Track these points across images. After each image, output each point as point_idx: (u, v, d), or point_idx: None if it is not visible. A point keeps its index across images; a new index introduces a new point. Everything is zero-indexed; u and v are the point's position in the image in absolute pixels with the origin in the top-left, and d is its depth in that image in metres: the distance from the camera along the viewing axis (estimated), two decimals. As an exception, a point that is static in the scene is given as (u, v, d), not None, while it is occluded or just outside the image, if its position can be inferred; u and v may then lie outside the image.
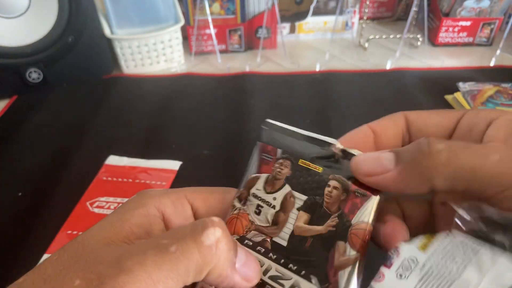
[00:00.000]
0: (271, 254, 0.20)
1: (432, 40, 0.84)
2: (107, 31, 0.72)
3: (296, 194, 0.22)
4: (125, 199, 0.46)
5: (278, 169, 0.23)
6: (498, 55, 0.78)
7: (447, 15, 0.80)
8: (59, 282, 0.16)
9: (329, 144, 0.22)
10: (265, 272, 0.20)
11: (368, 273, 0.20)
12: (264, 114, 0.62)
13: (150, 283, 0.16)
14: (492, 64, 0.77)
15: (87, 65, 0.72)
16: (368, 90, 0.70)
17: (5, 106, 0.67)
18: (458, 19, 0.80)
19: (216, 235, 0.17)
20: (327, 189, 0.21)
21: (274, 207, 0.22)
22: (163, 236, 0.18)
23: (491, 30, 0.81)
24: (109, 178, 0.50)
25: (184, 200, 0.21)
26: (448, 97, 0.66)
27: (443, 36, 0.82)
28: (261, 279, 0.20)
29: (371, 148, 0.23)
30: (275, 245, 0.21)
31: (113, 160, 0.53)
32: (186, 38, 0.80)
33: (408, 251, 0.19)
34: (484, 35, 0.82)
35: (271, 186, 0.22)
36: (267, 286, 0.20)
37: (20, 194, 0.49)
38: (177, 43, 0.77)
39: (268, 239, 0.21)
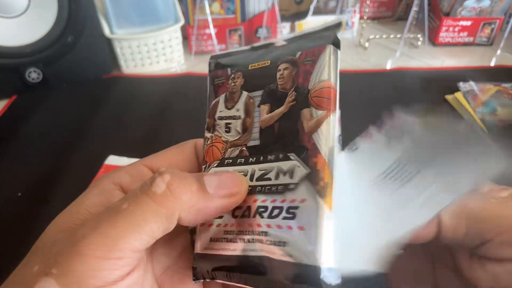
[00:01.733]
0: (250, 159, 0.20)
1: (433, 40, 0.84)
2: (106, 31, 0.72)
3: (254, 94, 0.21)
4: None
5: (232, 84, 0.22)
6: (499, 55, 0.78)
7: (447, 14, 0.80)
8: (20, 275, 0.16)
9: (272, 43, 0.22)
10: (251, 178, 0.20)
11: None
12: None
13: (109, 242, 0.15)
14: (492, 64, 0.76)
15: (87, 65, 0.72)
16: (368, 90, 0.70)
17: (4, 106, 0.66)
18: (459, 18, 0.80)
19: (164, 180, 0.17)
20: (278, 74, 0.21)
21: (239, 117, 0.21)
22: (115, 202, 0.17)
23: (492, 30, 0.81)
24: (109, 178, 0.50)
25: (140, 166, 0.21)
26: (449, 97, 0.65)
27: (444, 36, 0.82)
28: (250, 186, 0.19)
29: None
30: (250, 149, 0.20)
31: (112, 160, 0.53)
32: (186, 38, 0.80)
33: (406, 121, 0.20)
34: (484, 35, 0.82)
35: (231, 101, 0.22)
36: (257, 188, 0.19)
37: (20, 194, 0.49)
38: (177, 43, 0.77)
39: (244, 148, 0.21)
